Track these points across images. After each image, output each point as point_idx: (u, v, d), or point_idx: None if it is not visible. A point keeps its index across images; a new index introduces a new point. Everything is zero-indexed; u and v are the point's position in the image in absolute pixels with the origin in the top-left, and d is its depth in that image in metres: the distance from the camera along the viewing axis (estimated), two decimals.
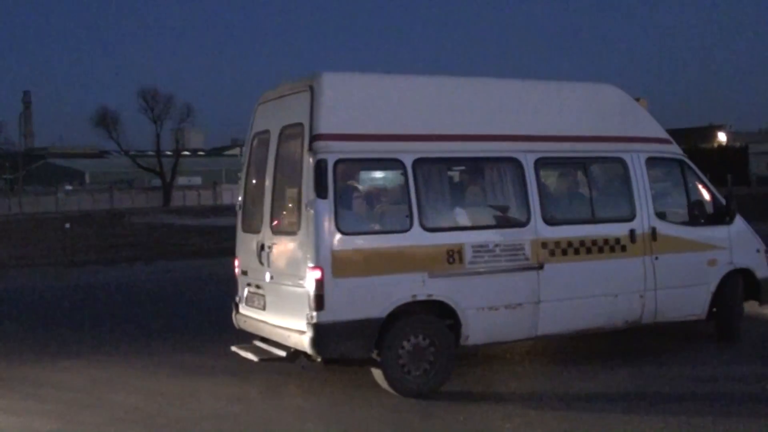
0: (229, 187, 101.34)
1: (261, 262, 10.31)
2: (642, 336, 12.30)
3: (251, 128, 11.07)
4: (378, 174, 10.56)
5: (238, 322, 11.11)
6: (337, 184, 9.37)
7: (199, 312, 16.94)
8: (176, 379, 11.02)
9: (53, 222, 48.68)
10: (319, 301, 9.14)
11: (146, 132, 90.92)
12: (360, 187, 10.15)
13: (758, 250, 12.41)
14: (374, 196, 10.31)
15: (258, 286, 10.49)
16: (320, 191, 9.24)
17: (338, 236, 9.28)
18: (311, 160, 9.32)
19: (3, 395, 10.41)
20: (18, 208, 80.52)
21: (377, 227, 9.91)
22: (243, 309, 10.97)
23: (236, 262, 11.18)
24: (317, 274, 9.15)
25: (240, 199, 11.24)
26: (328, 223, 9.23)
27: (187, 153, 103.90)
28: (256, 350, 10.45)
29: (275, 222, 10.24)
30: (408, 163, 9.80)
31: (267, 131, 10.60)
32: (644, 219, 11.26)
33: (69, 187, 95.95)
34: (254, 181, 11.02)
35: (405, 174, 9.79)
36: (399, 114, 10.04)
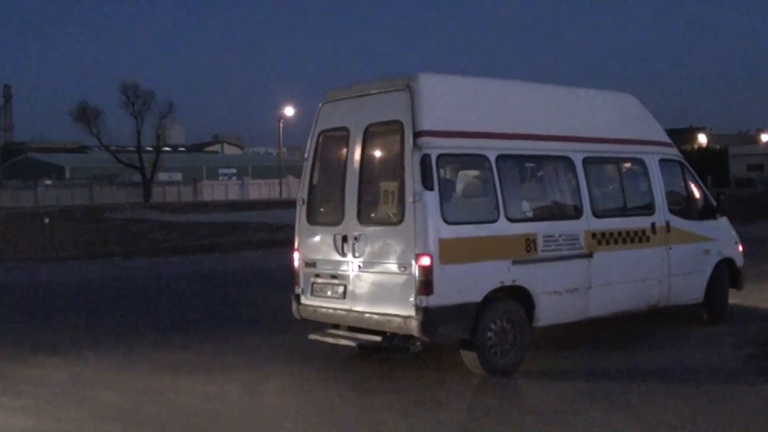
0: (210, 183, 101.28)
1: (342, 253, 10.75)
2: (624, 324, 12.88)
3: (316, 126, 11.54)
4: (469, 168, 11.17)
5: (300, 312, 11.49)
6: (439, 177, 10.04)
7: (179, 308, 16.89)
8: (156, 375, 10.96)
9: (32, 217, 48.43)
10: (429, 287, 9.75)
11: (127, 127, 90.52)
12: (456, 180, 10.98)
13: (736, 242, 14.09)
14: (467, 188, 11.13)
15: (334, 276, 10.91)
16: (427, 184, 9.86)
17: (443, 225, 9.95)
18: (417, 155, 9.92)
19: None
20: None
21: (472, 217, 10.55)
22: (307, 299, 11.36)
23: (297, 255, 11.52)
24: (427, 260, 9.77)
25: (304, 194, 11.60)
26: (434, 214, 9.88)
27: (167, 149, 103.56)
28: (336, 337, 11.04)
29: (366, 213, 10.67)
30: (492, 159, 10.64)
31: (343, 128, 11.09)
32: (661, 213, 12.66)
33: (49, 182, 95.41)
34: (326, 177, 11.60)
35: (490, 169, 10.62)
36: (485, 113, 10.94)
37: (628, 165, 12.94)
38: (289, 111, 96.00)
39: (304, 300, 11.40)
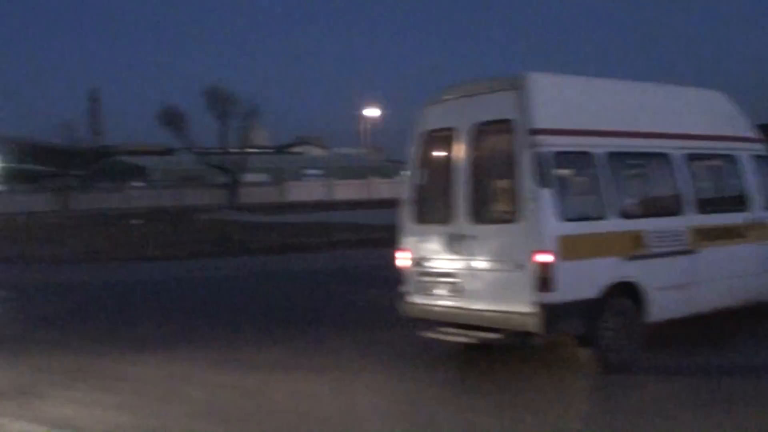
0: (295, 184, 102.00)
1: (453, 251, 10.81)
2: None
3: (419, 127, 11.60)
4: (580, 166, 11.13)
5: (408, 310, 11.55)
6: (554, 175, 10.10)
7: (269, 307, 17.04)
8: (248, 373, 11.07)
9: (121, 218, 49.41)
10: (548, 283, 9.81)
11: (213, 129, 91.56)
12: (569, 177, 10.98)
13: None
14: (580, 186, 11.25)
15: (445, 274, 10.96)
16: (545, 181, 9.94)
17: (560, 223, 10.02)
18: (532, 153, 9.98)
19: (78, 388, 10.56)
20: (90, 205, 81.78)
21: (586, 214, 10.62)
22: (416, 298, 11.40)
23: (403, 255, 11.62)
24: (546, 258, 9.83)
25: (409, 194, 11.67)
26: (551, 211, 9.94)
27: (253, 150, 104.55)
28: (451, 335, 11.03)
29: (478, 212, 10.71)
30: (603, 156, 10.73)
31: (448, 129, 11.15)
32: (756, 209, 12.64)
33: (137, 184, 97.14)
34: (433, 176, 11.58)
35: (601, 166, 10.69)
36: (593, 111, 11.10)
37: (723, 162, 12.92)
38: (372, 112, 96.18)
39: (412, 298, 11.45)
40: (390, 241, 26.90)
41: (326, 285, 20.59)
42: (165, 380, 10.85)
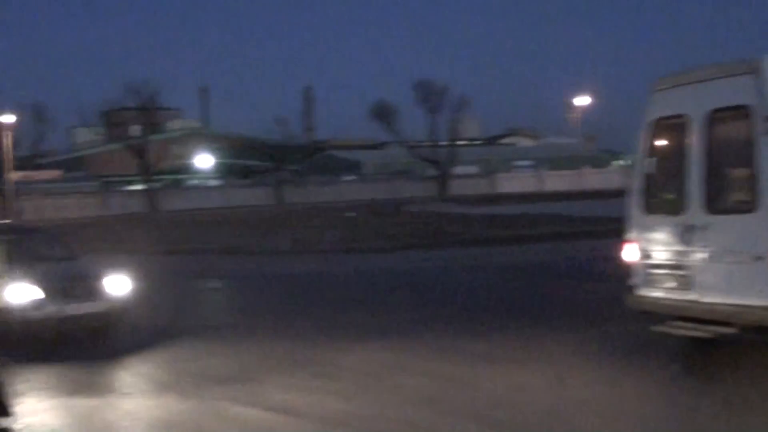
0: (505, 175, 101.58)
1: (687, 243, 10.55)
2: None
3: (648, 114, 11.31)
4: None
5: (637, 304, 11.33)
6: None
7: (482, 299, 16.98)
8: (463, 364, 11.05)
9: (335, 211, 50.56)
10: None
11: (422, 123, 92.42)
12: None
13: None
14: None
15: (677, 267, 10.68)
16: None
17: None
18: None
19: (295, 375, 10.82)
20: (304, 198, 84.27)
21: None
22: (645, 291, 11.16)
23: (631, 246, 11.39)
24: None
25: (638, 184, 11.44)
26: None
27: (463, 142, 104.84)
28: (685, 329, 10.68)
29: (714, 202, 10.39)
30: None
31: (680, 116, 10.83)
32: None
33: (349, 178, 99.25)
34: (664, 166, 11.28)
35: None
36: None
37: None
38: (584, 100, 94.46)
39: (641, 291, 11.13)
40: (603, 233, 26.35)
41: (538, 278, 20.35)
42: (380, 369, 10.96)
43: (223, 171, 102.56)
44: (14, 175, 65.46)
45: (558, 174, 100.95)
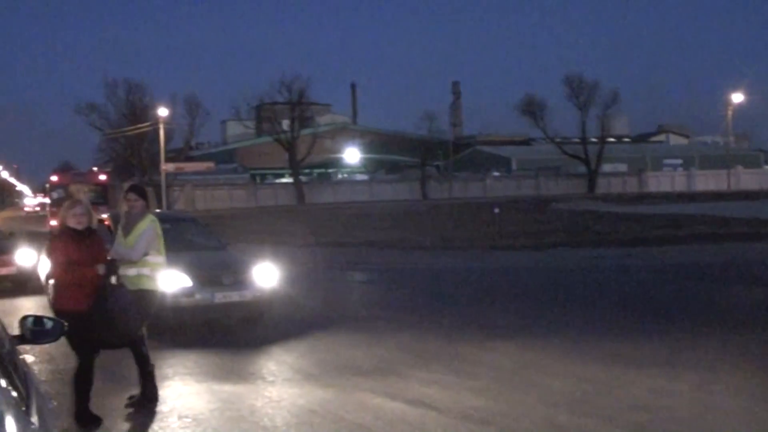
0: (655, 174, 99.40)
1: None
2: None
3: None
4: None
5: None
6: None
7: (626, 300, 16.67)
8: (603, 366, 10.86)
9: (482, 207, 50.39)
10: None
11: (571, 119, 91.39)
12: None
13: None
14: None
15: None
16: None
17: None
18: None
19: (435, 370, 10.84)
20: (448, 194, 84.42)
21: None
22: None
23: None
24: None
25: None
26: None
27: (612, 140, 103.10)
28: None
29: None
30: None
31: None
32: None
33: (496, 174, 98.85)
34: None
35: None
36: None
37: None
38: (737, 97, 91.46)
39: None
40: (757, 235, 25.52)
41: (687, 280, 19.85)
42: (521, 368, 10.88)
43: (370, 165, 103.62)
44: (167, 167, 67.59)
45: (709, 173, 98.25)
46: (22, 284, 18.90)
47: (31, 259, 19.00)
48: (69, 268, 8.58)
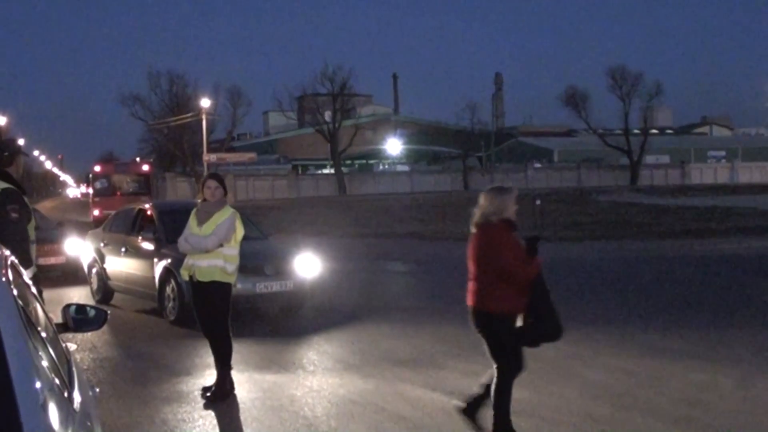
0: (698, 166, 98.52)
1: None
2: None
3: None
4: None
5: None
6: None
7: (669, 292, 16.53)
8: (646, 359, 10.78)
9: (523, 198, 50.17)
10: None
11: (614, 110, 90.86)
12: None
13: None
14: None
15: None
16: None
17: None
18: None
19: (477, 361, 10.75)
20: (490, 185, 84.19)
21: None
22: None
23: None
24: None
25: None
26: None
27: (655, 131, 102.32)
28: None
29: None
30: None
31: None
32: None
33: (538, 165, 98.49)
34: None
35: None
36: None
37: None
38: None
39: None
40: None
41: (731, 273, 19.66)
42: (561, 360, 10.81)
43: (411, 156, 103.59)
44: (209, 157, 68.02)
45: (753, 165, 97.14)
46: (71, 274, 18.95)
47: (79, 248, 19.07)
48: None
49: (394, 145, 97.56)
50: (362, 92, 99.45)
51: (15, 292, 3.70)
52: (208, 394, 9.21)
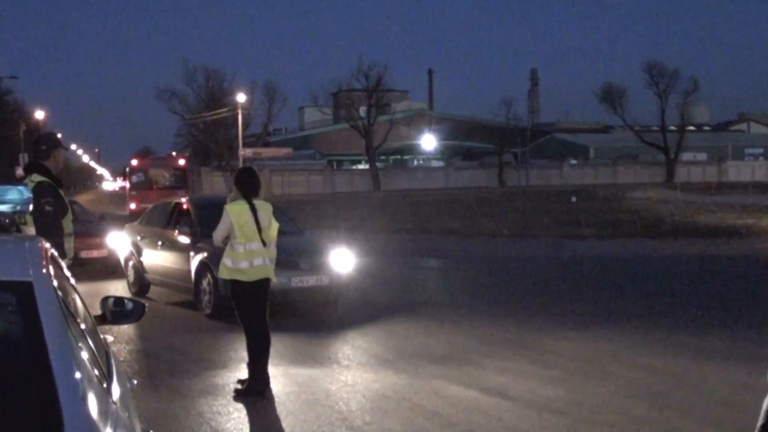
0: (735, 163, 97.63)
1: None
2: None
3: None
4: None
5: None
6: None
7: (709, 292, 16.38)
8: (684, 359, 10.69)
9: (559, 195, 49.97)
10: None
11: (651, 107, 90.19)
12: None
13: None
14: None
15: None
16: None
17: None
18: None
19: (511, 358, 10.79)
20: (525, 181, 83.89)
21: None
22: None
23: None
24: None
25: None
26: None
27: (691, 128, 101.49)
28: None
29: None
30: None
31: None
32: None
33: (573, 162, 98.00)
34: None
35: None
36: None
37: None
38: None
39: None
40: None
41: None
42: (597, 358, 10.77)
43: (446, 152, 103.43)
44: (245, 152, 68.25)
45: None
46: (113, 267, 18.86)
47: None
48: None
49: (428, 141, 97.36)
50: (397, 88, 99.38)
51: (55, 283, 3.74)
52: (241, 387, 9.26)
